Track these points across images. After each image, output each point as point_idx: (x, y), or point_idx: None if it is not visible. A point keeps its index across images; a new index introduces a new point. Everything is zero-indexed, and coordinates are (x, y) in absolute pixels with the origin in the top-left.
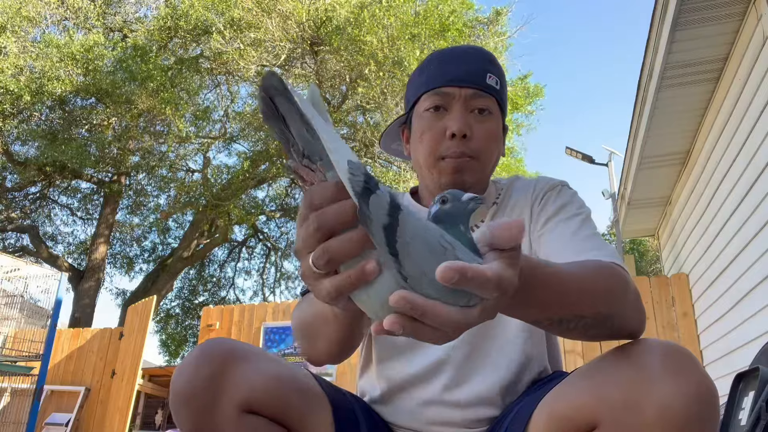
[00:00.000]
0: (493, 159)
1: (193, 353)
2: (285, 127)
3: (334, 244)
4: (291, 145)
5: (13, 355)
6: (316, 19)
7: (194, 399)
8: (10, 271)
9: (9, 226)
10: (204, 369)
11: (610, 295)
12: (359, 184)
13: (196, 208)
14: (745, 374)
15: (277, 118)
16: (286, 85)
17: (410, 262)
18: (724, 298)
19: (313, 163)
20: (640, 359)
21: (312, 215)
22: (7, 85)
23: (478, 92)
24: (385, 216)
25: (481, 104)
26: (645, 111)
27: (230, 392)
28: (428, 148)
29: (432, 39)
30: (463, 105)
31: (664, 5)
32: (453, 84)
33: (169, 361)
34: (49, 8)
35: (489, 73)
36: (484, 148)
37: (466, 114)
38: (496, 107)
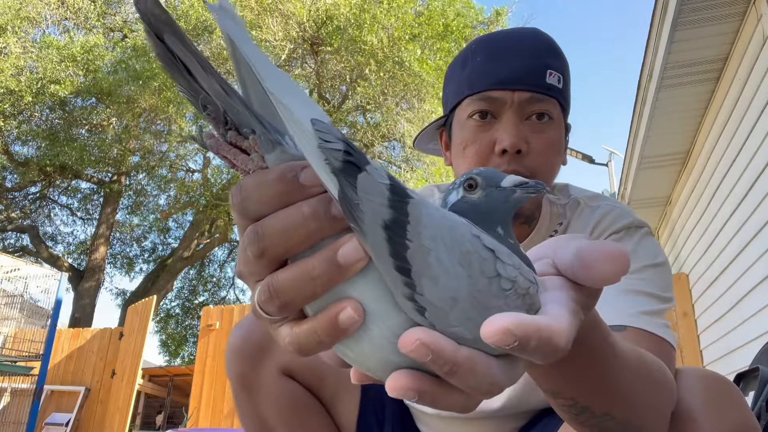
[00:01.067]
0: (555, 174)
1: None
2: (191, 78)
3: (286, 281)
4: (205, 107)
5: (13, 355)
6: (316, 19)
7: (244, 354)
8: (10, 271)
9: (9, 226)
10: (258, 330)
11: (653, 409)
12: (337, 156)
13: (196, 208)
14: (745, 374)
15: (176, 64)
16: (170, 16)
17: (431, 282)
18: (724, 298)
19: (243, 138)
20: (680, 393)
21: (250, 229)
22: (8, 85)
23: (535, 96)
24: (387, 207)
25: (539, 109)
26: (645, 111)
27: (275, 355)
28: (472, 165)
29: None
30: (516, 112)
31: (664, 5)
32: (504, 87)
33: (169, 361)
34: (49, 9)
35: (549, 69)
36: (543, 163)
37: (521, 123)
38: (558, 110)
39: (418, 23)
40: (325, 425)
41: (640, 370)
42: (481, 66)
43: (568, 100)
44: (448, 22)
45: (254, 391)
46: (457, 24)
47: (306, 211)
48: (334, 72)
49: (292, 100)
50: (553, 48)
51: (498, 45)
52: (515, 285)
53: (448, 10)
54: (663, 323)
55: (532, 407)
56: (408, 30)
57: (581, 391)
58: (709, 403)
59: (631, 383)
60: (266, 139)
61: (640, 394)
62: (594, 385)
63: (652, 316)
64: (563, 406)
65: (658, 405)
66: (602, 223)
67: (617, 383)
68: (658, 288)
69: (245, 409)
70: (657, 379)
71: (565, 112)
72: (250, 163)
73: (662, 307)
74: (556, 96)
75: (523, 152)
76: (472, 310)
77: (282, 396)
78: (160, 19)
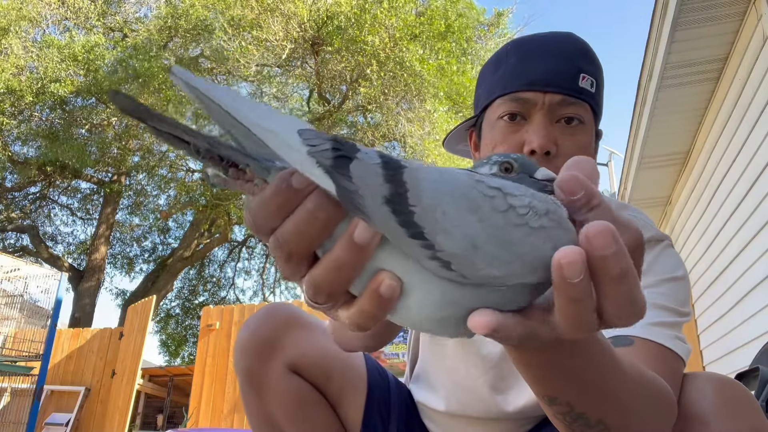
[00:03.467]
0: None
1: (261, 311)
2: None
3: (321, 276)
4: (199, 152)
5: (13, 355)
6: (317, 19)
7: (252, 349)
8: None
9: (9, 226)
10: (266, 326)
11: (649, 422)
12: (327, 155)
13: (196, 208)
14: (745, 374)
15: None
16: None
17: (446, 236)
18: (724, 298)
19: (242, 171)
20: (693, 396)
21: (270, 241)
22: (9, 84)
23: (567, 98)
24: (383, 183)
25: (569, 112)
26: (645, 111)
27: (283, 351)
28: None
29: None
30: (546, 114)
31: (664, 5)
32: (535, 88)
33: (169, 361)
34: (50, 8)
35: (582, 73)
36: None
37: (550, 125)
38: (590, 114)
39: (419, 23)
40: (331, 422)
41: (637, 381)
42: (513, 67)
43: (600, 106)
44: (449, 22)
45: (261, 387)
46: (458, 24)
47: (311, 207)
48: (334, 72)
49: (273, 123)
50: (587, 52)
51: (531, 47)
52: (532, 209)
53: (449, 10)
54: (674, 335)
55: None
56: (409, 30)
57: (578, 396)
58: (722, 407)
59: (628, 392)
60: (259, 167)
61: (637, 405)
62: (590, 390)
63: (663, 327)
64: (559, 414)
65: (655, 418)
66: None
67: (613, 390)
68: (676, 302)
69: (252, 404)
70: (655, 392)
71: (597, 117)
72: (255, 188)
73: (676, 320)
74: (588, 100)
75: (552, 154)
76: (495, 248)
77: (289, 392)
78: (138, 110)
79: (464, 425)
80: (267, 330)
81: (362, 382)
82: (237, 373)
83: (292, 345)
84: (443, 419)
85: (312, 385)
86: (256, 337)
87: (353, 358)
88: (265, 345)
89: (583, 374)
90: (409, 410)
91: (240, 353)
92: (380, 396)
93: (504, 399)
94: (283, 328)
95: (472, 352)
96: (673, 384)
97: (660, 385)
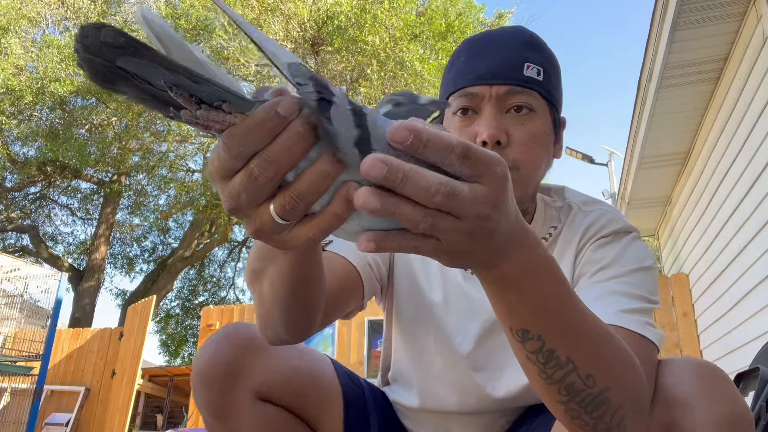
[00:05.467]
0: (540, 166)
1: (217, 335)
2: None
3: (306, 186)
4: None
5: (13, 355)
6: (317, 19)
7: (212, 381)
8: (10, 271)
9: (9, 226)
10: (223, 353)
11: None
12: (313, 96)
13: (196, 208)
14: (745, 374)
15: (125, 77)
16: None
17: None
18: (724, 298)
19: (214, 110)
20: (672, 381)
21: (257, 160)
22: (9, 84)
23: (513, 88)
24: (354, 128)
25: (517, 101)
26: (645, 111)
27: (247, 379)
28: None
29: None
30: (495, 105)
31: (664, 5)
32: (482, 82)
33: (169, 361)
34: (50, 8)
35: (527, 63)
36: (526, 154)
37: (500, 116)
38: (541, 102)
39: (419, 23)
40: None
41: (600, 326)
42: (462, 65)
43: (554, 94)
44: (449, 21)
45: (228, 420)
46: (458, 23)
47: (300, 130)
48: (334, 72)
49: (274, 48)
50: (533, 42)
51: (479, 44)
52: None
53: (449, 9)
54: (644, 321)
55: (528, 403)
56: (409, 30)
57: (546, 328)
58: (703, 390)
59: (592, 333)
60: (240, 101)
61: (602, 350)
62: (557, 322)
63: (635, 314)
64: (532, 354)
65: (618, 368)
66: (592, 228)
67: (578, 326)
68: (645, 290)
69: None
70: (618, 345)
71: (554, 106)
72: (234, 120)
73: (647, 306)
74: (535, 88)
75: (503, 144)
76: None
77: (260, 422)
78: (122, 47)
79: (443, 421)
80: (227, 356)
81: (337, 393)
82: (199, 407)
83: (256, 369)
84: (421, 417)
85: (285, 408)
86: (217, 365)
87: (323, 369)
88: (227, 374)
89: (547, 304)
90: (386, 412)
91: (200, 385)
92: (357, 403)
93: (484, 386)
94: (245, 352)
95: (446, 345)
96: (648, 368)
97: (622, 343)
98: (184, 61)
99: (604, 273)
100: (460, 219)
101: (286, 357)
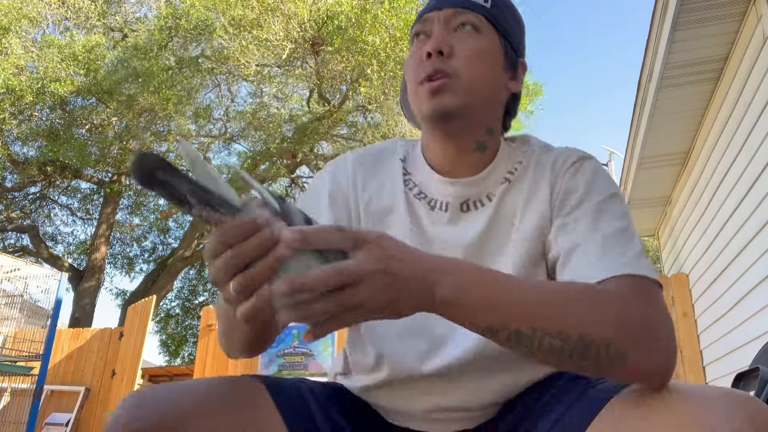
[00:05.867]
0: (484, 81)
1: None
2: (172, 190)
3: (256, 273)
4: (184, 202)
5: (13, 355)
6: (317, 19)
7: None
8: (10, 271)
9: (9, 226)
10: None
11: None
12: (276, 196)
13: None
14: (745, 374)
15: (161, 184)
16: (167, 161)
17: None
18: (724, 298)
19: (214, 212)
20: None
21: (232, 251)
22: (9, 84)
23: (458, 10)
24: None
25: (462, 20)
26: (645, 111)
27: None
28: (409, 77)
29: None
30: (442, 26)
31: (664, 5)
32: (432, 9)
33: (169, 361)
34: (50, 8)
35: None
36: (467, 67)
37: (447, 34)
38: (486, 25)
39: None
40: None
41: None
42: (424, 6)
43: (504, 25)
44: None
45: None
46: None
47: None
48: (334, 72)
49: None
50: None
51: None
52: None
53: None
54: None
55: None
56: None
57: (502, 317)
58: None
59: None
60: (232, 208)
61: (564, 307)
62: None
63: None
64: (506, 342)
65: (596, 316)
66: (558, 161)
67: (529, 297)
68: (621, 215)
69: None
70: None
71: (505, 38)
72: (225, 219)
73: (638, 248)
74: (480, 12)
75: (445, 54)
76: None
77: None
78: (159, 165)
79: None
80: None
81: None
82: None
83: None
84: (385, 392)
85: None
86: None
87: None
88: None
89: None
90: (341, 403)
91: None
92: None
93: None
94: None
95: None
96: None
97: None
98: (202, 176)
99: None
100: (361, 282)
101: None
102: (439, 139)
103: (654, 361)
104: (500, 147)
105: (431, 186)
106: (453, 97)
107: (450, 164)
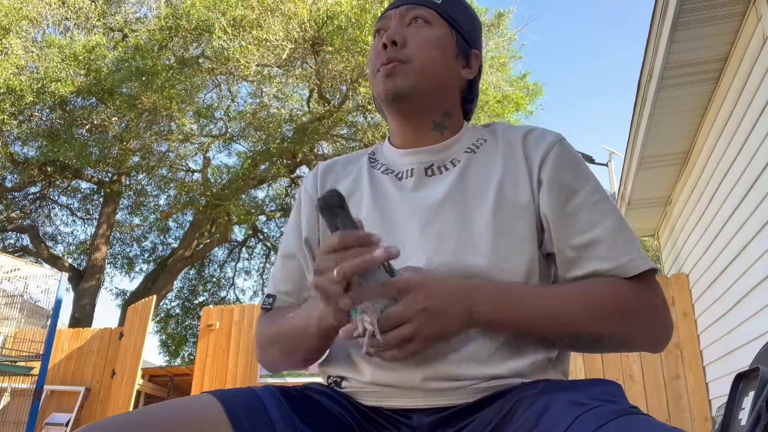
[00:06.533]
0: (433, 65)
1: None
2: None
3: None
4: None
5: (13, 355)
6: (317, 19)
7: None
8: (10, 271)
9: (9, 226)
10: None
11: (605, 319)
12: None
13: (196, 208)
14: (745, 374)
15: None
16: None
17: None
18: (724, 298)
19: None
20: None
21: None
22: (9, 84)
23: (411, 7)
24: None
25: (414, 14)
26: (645, 111)
27: None
28: (369, 69)
29: None
30: (398, 20)
31: (664, 5)
32: (391, 8)
33: (169, 361)
34: (50, 8)
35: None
36: (420, 54)
37: (401, 26)
38: (437, 18)
39: None
40: None
41: (567, 292)
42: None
43: (456, 20)
44: None
45: None
46: None
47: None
48: (334, 72)
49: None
50: None
51: None
52: None
53: None
54: (644, 256)
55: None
56: None
57: (531, 330)
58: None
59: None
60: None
61: (575, 308)
62: (530, 315)
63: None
64: (541, 346)
65: (611, 312)
66: (530, 137)
67: (546, 303)
68: (611, 201)
69: None
70: (593, 297)
71: (456, 31)
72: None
73: (634, 236)
74: (433, 7)
75: (399, 43)
76: None
77: None
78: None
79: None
80: None
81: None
82: None
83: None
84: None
85: None
86: None
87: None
88: None
89: (520, 311)
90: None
91: None
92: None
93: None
94: None
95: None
96: (647, 292)
97: (595, 288)
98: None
99: (578, 185)
100: (409, 322)
101: None
102: (398, 120)
103: (657, 338)
104: (463, 128)
105: (396, 161)
106: (404, 80)
107: (412, 143)
